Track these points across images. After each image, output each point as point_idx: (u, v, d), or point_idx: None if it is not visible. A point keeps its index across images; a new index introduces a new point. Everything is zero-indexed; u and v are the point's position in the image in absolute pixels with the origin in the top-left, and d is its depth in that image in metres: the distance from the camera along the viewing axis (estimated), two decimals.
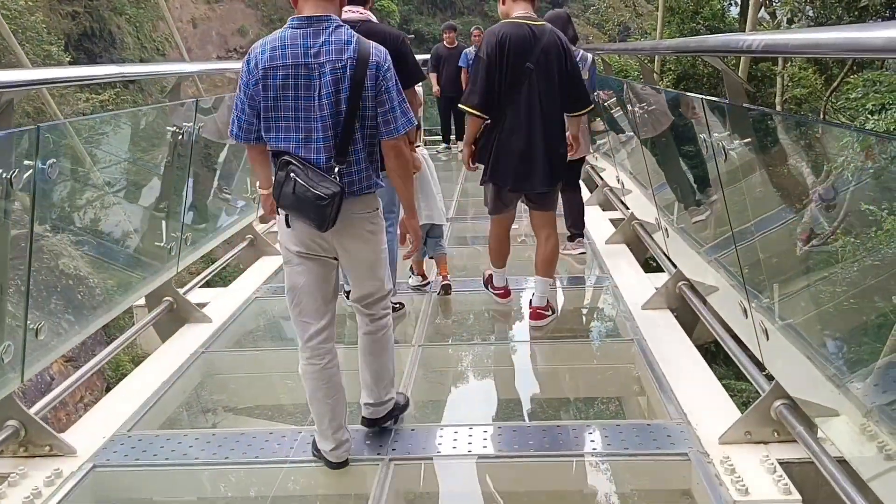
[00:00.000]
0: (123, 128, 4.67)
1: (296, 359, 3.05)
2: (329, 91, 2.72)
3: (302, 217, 2.80)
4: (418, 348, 4.28)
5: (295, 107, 2.75)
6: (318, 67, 2.72)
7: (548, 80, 4.19)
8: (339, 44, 2.74)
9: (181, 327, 4.66)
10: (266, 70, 2.73)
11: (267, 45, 2.75)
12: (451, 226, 7.12)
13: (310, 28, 2.74)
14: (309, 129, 2.76)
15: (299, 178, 2.71)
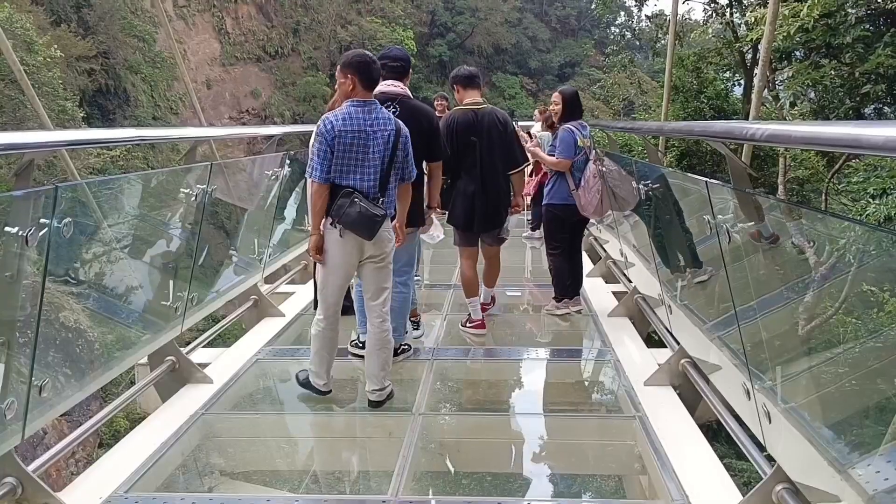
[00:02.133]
0: (137, 187, 4.75)
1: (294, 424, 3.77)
2: (379, 149, 4.13)
3: (357, 230, 4.11)
4: (418, 416, 4.26)
5: (357, 158, 4.08)
6: (372, 133, 4.11)
7: (490, 149, 5.59)
8: (384, 120, 4.17)
9: (182, 387, 4.66)
10: (340, 132, 4.04)
11: (339, 116, 4.09)
12: (453, 293, 7.17)
13: (365, 107, 4.13)
14: (364, 172, 4.11)
15: (362, 203, 4.07)
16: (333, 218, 4.10)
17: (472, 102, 5.68)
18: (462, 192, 5.63)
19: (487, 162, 5.57)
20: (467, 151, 5.54)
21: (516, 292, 7.22)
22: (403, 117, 4.52)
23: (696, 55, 16.66)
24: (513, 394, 5.10)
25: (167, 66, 34.60)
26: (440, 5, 46.47)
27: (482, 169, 5.57)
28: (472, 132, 5.55)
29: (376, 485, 3.61)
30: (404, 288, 5.03)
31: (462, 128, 5.56)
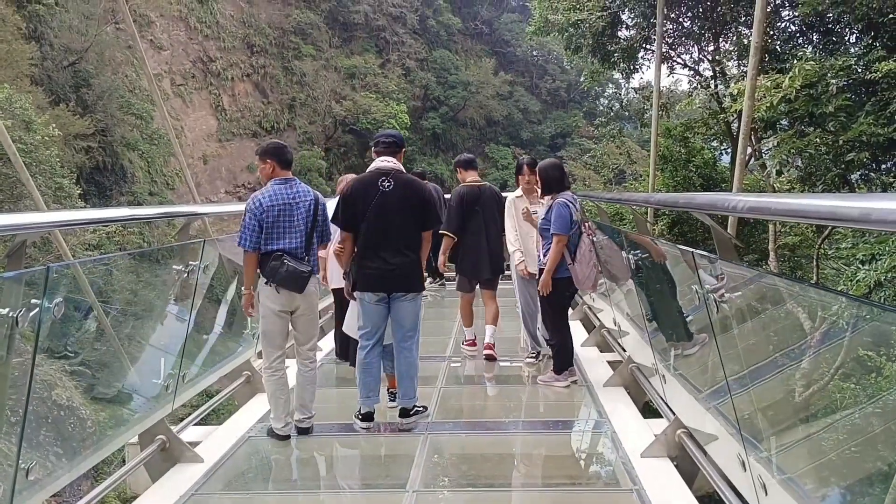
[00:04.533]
0: (130, 265, 4.77)
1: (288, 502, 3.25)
2: (302, 217, 4.92)
3: (289, 286, 4.84)
4: (413, 494, 4.19)
5: (283, 226, 4.84)
6: (295, 205, 4.91)
7: (489, 215, 7.16)
8: (304, 192, 5.00)
9: (172, 467, 4.59)
10: (268, 207, 4.80)
11: (266, 195, 4.85)
12: (448, 365, 7.14)
13: (286, 184, 4.94)
14: (291, 237, 4.86)
15: (291, 262, 4.82)
16: (268, 278, 4.83)
17: (473, 180, 7.32)
18: (470, 248, 7.20)
19: (489, 225, 7.14)
20: (473, 217, 7.15)
21: (509, 363, 7.18)
22: (397, 190, 5.06)
23: (683, 125, 16.97)
24: (509, 467, 5.02)
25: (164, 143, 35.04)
26: (433, 80, 47.52)
27: (486, 231, 7.13)
28: (477, 203, 7.17)
29: None
30: (408, 353, 5.22)
31: (469, 199, 7.18)
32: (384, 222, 5.03)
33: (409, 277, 5.13)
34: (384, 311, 5.16)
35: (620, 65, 18.08)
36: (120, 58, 34.53)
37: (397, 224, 5.05)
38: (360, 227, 5.06)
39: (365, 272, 5.10)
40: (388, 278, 5.08)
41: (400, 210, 5.05)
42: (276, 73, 41.87)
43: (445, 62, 48.25)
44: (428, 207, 5.20)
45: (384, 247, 5.05)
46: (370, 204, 5.02)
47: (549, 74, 53.03)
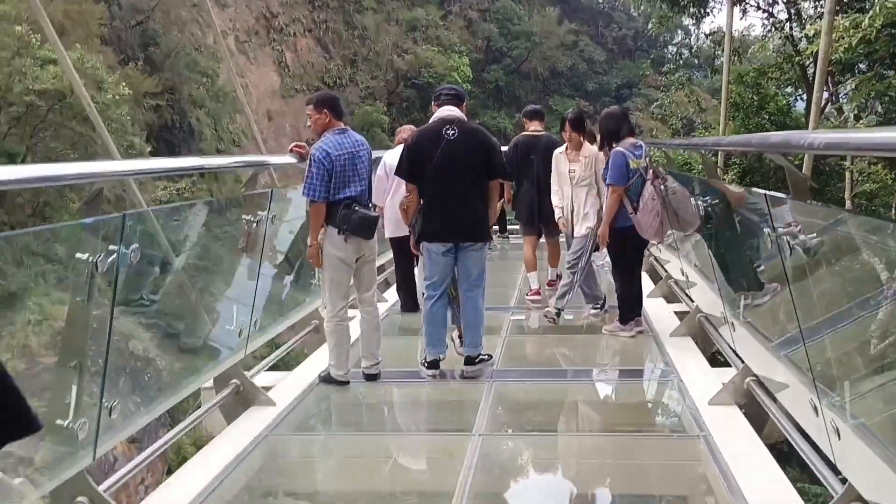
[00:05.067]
0: (202, 215, 4.90)
1: (356, 445, 4.20)
2: (364, 164, 4.96)
3: (361, 232, 4.89)
4: (479, 438, 4.25)
5: (349, 174, 4.87)
6: (356, 152, 4.93)
7: (544, 165, 7.07)
8: (360, 140, 5.02)
9: (246, 410, 4.75)
10: (335, 157, 4.81)
11: (329, 145, 4.84)
12: (512, 315, 7.16)
13: (344, 133, 4.94)
14: (357, 184, 4.90)
15: (361, 210, 4.87)
16: (340, 227, 4.84)
17: (533, 130, 7.58)
18: (525, 196, 7.55)
19: (542, 174, 7.13)
20: (527, 166, 7.37)
21: (575, 313, 7.15)
22: (461, 138, 5.03)
23: (755, 71, 16.35)
24: (574, 415, 5.04)
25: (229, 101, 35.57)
26: (495, 31, 46.77)
27: (538, 179, 7.25)
28: (532, 152, 7.39)
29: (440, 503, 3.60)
30: (474, 302, 5.24)
31: (524, 148, 7.44)
32: (449, 171, 5.02)
33: (475, 227, 5.14)
34: (451, 261, 5.18)
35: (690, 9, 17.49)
36: (185, 16, 34.94)
37: (463, 173, 5.04)
38: (425, 177, 5.07)
39: (431, 222, 5.12)
40: (454, 228, 5.10)
41: (465, 158, 5.04)
42: (338, 27, 41.84)
43: (508, 12, 47.39)
44: (494, 155, 5.18)
45: (450, 196, 5.04)
46: (435, 153, 5.01)
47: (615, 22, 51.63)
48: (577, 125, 6.63)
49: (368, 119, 40.87)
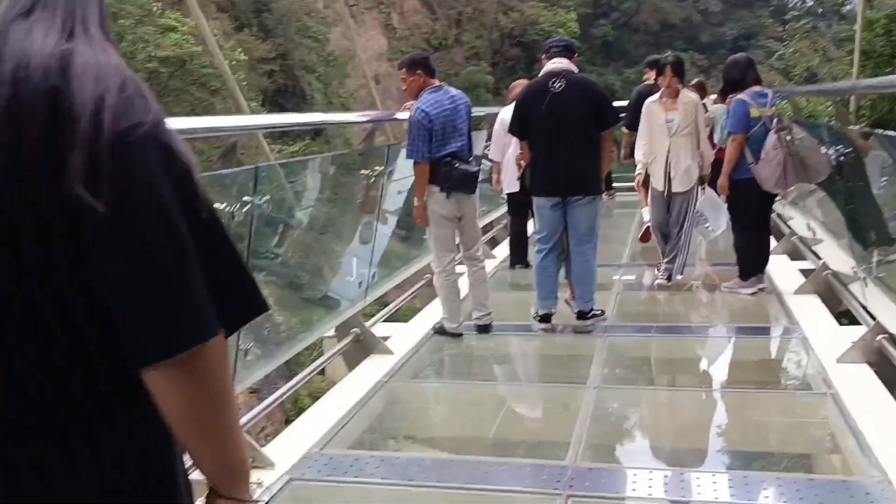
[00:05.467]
0: (323, 170, 5.07)
1: (471, 394, 4.39)
2: (463, 119, 4.95)
3: (462, 188, 4.88)
4: (593, 390, 4.26)
5: (449, 131, 4.84)
6: (454, 108, 4.90)
7: None
8: (457, 95, 5.01)
9: (366, 358, 4.92)
10: (434, 116, 4.79)
11: (427, 104, 4.83)
12: (624, 271, 7.09)
13: (440, 90, 4.94)
14: (457, 140, 4.88)
15: (462, 166, 4.85)
16: (442, 184, 4.84)
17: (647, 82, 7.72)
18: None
19: None
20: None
21: (690, 270, 6.98)
22: (569, 89, 4.95)
23: (887, 17, 15.22)
24: (689, 370, 4.97)
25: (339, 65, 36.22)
26: None
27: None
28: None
29: (553, 452, 3.66)
30: (584, 257, 5.17)
31: (644, 96, 6.72)
32: (556, 123, 4.97)
33: (584, 180, 5.05)
34: (560, 215, 5.14)
35: None
36: None
37: (570, 125, 4.97)
38: (532, 131, 5.05)
39: (539, 176, 5.11)
40: (562, 182, 5.04)
41: (573, 110, 4.96)
42: None
43: None
44: (604, 105, 5.09)
45: (557, 149, 4.99)
46: (541, 107, 4.99)
47: None
48: (679, 69, 6.09)
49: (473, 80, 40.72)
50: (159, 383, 0.94)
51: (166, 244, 0.90)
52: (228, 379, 1.02)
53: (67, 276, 0.89)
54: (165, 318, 0.91)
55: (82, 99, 0.87)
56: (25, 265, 0.88)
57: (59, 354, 0.93)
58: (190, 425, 0.98)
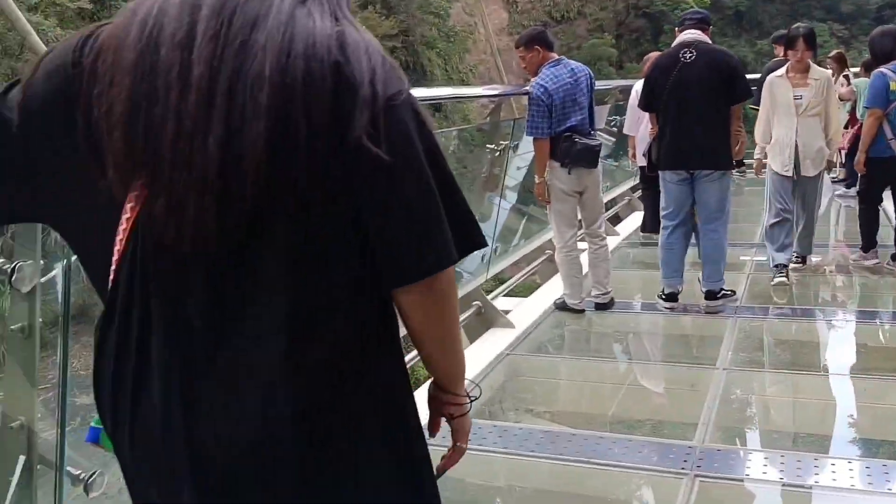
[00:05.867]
0: (450, 143, 5.13)
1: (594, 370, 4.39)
2: (584, 92, 4.84)
3: (583, 162, 4.81)
4: (723, 372, 4.15)
5: (569, 105, 4.76)
6: (575, 82, 4.81)
7: None
8: (577, 68, 4.92)
9: (487, 330, 4.98)
10: (554, 91, 4.73)
11: (547, 80, 4.77)
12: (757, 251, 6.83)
13: (560, 64, 4.86)
14: (577, 114, 4.80)
15: (582, 140, 4.79)
16: (563, 159, 4.80)
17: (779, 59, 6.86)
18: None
19: None
20: None
21: (823, 252, 6.64)
22: (700, 60, 4.84)
23: None
24: (822, 354, 4.74)
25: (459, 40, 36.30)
26: None
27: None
28: None
29: (681, 432, 3.59)
30: (714, 234, 5.02)
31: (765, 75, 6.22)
32: (685, 95, 4.83)
33: (714, 154, 4.87)
34: (687, 190, 5.00)
35: None
36: None
37: (700, 97, 4.82)
38: (661, 102, 4.93)
39: (665, 149, 4.98)
40: (689, 155, 4.90)
41: (703, 82, 4.81)
42: None
43: None
44: (735, 77, 4.88)
45: (685, 121, 4.85)
46: (669, 78, 4.87)
47: None
48: (811, 42, 5.38)
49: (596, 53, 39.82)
50: (407, 301, 1.16)
51: (421, 185, 1.10)
52: (457, 300, 1.26)
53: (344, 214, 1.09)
54: (418, 246, 1.11)
55: (359, 71, 1.06)
56: (316, 214, 1.08)
57: (340, 287, 1.11)
58: (428, 336, 1.22)
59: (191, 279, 1.09)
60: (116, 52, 1.06)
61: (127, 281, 1.10)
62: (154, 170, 1.05)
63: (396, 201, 1.10)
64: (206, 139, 1.03)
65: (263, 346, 1.09)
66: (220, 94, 1.03)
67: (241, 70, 1.03)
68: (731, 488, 3.05)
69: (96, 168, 1.08)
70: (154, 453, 1.11)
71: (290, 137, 1.04)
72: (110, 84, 1.05)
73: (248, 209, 1.05)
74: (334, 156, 1.06)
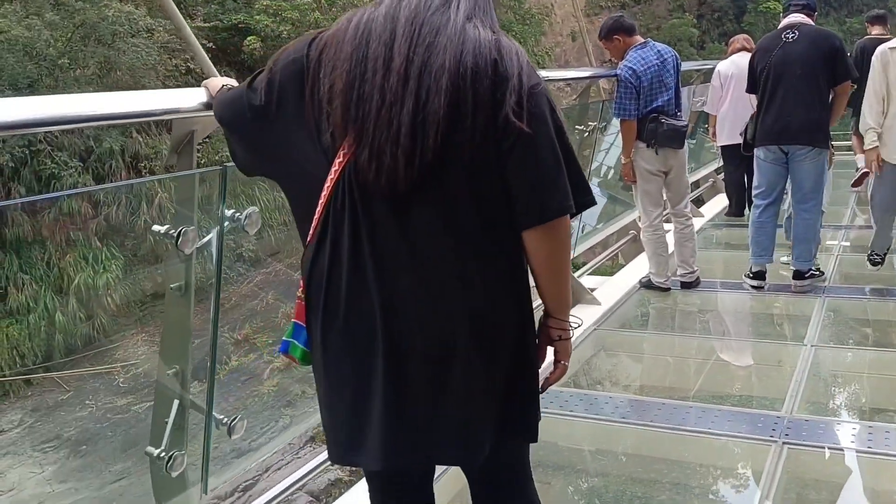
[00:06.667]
0: None
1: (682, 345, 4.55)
2: (671, 73, 4.94)
3: (670, 143, 4.90)
4: (811, 348, 4.21)
5: (656, 86, 4.86)
6: (662, 63, 4.89)
7: None
8: (663, 49, 4.99)
9: (574, 306, 5.10)
10: (641, 73, 4.82)
11: (634, 62, 4.85)
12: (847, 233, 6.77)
13: (645, 47, 4.95)
14: (664, 95, 4.89)
15: (668, 121, 4.88)
16: (649, 140, 4.90)
17: (878, 34, 6.67)
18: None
19: None
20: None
21: None
22: (801, 41, 4.91)
23: None
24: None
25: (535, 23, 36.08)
26: None
27: None
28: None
29: (769, 403, 3.69)
30: (807, 214, 5.04)
31: (869, 51, 5.79)
32: (784, 71, 4.88)
33: (809, 132, 4.85)
34: (781, 169, 5.03)
35: None
36: None
37: (799, 75, 4.84)
38: (761, 80, 4.99)
39: (762, 126, 5.02)
40: (784, 132, 4.91)
41: (804, 60, 4.84)
42: None
43: None
44: (838, 57, 4.89)
45: (784, 99, 4.87)
46: (771, 56, 4.94)
47: None
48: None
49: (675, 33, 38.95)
50: (533, 239, 1.56)
51: (551, 152, 1.53)
52: (570, 245, 1.70)
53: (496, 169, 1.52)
54: (546, 196, 1.52)
55: (510, 66, 1.50)
56: (476, 168, 1.51)
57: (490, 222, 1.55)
58: (547, 268, 1.60)
59: (385, 210, 1.51)
60: (337, 47, 1.52)
61: (336, 211, 1.53)
62: (362, 129, 1.48)
63: (532, 162, 1.51)
64: (401, 109, 1.46)
65: (440, 260, 1.53)
66: (413, 78, 1.47)
67: (428, 62, 1.47)
68: (819, 456, 3.14)
69: (315, 129, 1.53)
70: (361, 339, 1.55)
71: (461, 111, 1.47)
72: (332, 69, 1.51)
73: (429, 161, 1.47)
74: (491, 126, 1.48)
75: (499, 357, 1.59)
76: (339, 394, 1.61)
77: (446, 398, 1.56)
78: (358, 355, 1.56)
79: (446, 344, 1.54)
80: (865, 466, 3.10)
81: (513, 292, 1.60)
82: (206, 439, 2.43)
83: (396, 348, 1.54)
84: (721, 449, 3.29)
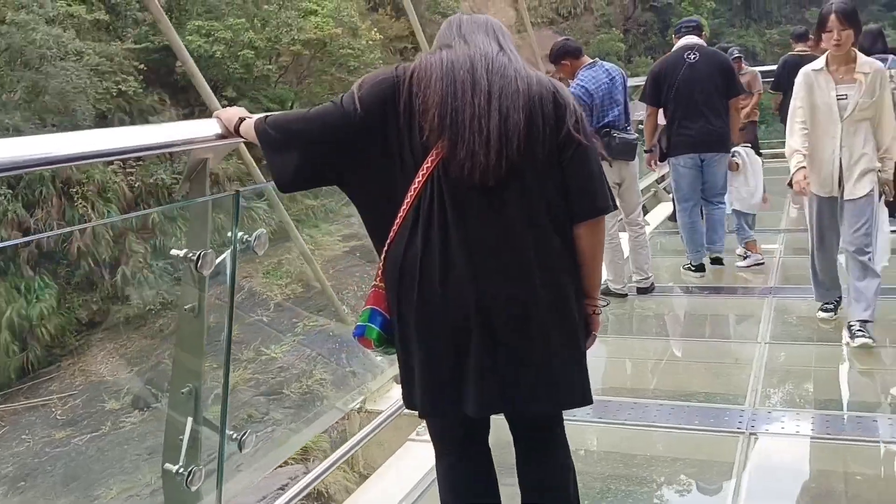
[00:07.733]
0: None
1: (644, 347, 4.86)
2: (619, 90, 5.24)
3: (622, 155, 5.25)
4: (765, 346, 4.49)
5: (606, 103, 5.19)
6: (611, 81, 5.20)
7: None
8: (612, 68, 5.33)
9: None
10: (594, 90, 5.16)
11: (586, 80, 5.17)
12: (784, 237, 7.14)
13: (594, 67, 5.27)
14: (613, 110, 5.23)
15: (620, 135, 5.20)
16: (602, 153, 5.16)
17: (800, 50, 7.39)
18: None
19: None
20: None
21: None
22: (702, 61, 5.67)
23: None
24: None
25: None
26: None
27: None
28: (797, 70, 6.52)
29: (733, 398, 3.92)
30: (722, 205, 5.92)
31: (790, 66, 6.80)
32: (694, 89, 5.60)
33: (722, 141, 5.65)
34: (697, 173, 5.75)
35: None
36: None
37: (704, 92, 5.60)
38: (669, 99, 5.66)
39: (677, 138, 5.71)
40: (703, 142, 5.65)
41: (708, 79, 5.62)
42: None
43: None
44: (732, 75, 5.73)
45: (693, 114, 5.61)
46: (677, 75, 5.63)
47: None
48: (851, 18, 4.04)
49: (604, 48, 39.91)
50: (583, 233, 2.02)
51: (597, 164, 2.04)
52: (605, 238, 2.23)
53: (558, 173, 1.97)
54: (594, 197, 2.00)
55: (566, 95, 2.01)
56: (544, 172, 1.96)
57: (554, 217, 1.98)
58: (588, 256, 2.04)
59: (474, 200, 1.92)
60: (427, 72, 1.94)
61: (428, 203, 1.91)
62: (457, 134, 1.88)
63: (585, 169, 1.99)
64: (489, 121, 1.90)
65: (519, 242, 1.93)
66: (495, 98, 1.91)
67: (504, 87, 1.93)
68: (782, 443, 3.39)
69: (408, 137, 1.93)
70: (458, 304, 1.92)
71: (534, 124, 1.93)
72: (426, 86, 1.92)
73: (512, 162, 1.90)
74: (555, 139, 1.96)
75: (565, 327, 1.99)
76: (438, 358, 1.96)
77: (530, 358, 1.95)
78: (455, 326, 1.92)
79: (527, 316, 1.93)
80: (822, 450, 3.38)
81: (574, 278, 2.02)
82: (220, 455, 2.51)
83: (486, 319, 1.91)
84: (692, 442, 3.50)
